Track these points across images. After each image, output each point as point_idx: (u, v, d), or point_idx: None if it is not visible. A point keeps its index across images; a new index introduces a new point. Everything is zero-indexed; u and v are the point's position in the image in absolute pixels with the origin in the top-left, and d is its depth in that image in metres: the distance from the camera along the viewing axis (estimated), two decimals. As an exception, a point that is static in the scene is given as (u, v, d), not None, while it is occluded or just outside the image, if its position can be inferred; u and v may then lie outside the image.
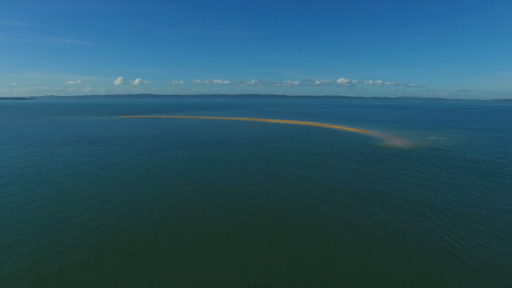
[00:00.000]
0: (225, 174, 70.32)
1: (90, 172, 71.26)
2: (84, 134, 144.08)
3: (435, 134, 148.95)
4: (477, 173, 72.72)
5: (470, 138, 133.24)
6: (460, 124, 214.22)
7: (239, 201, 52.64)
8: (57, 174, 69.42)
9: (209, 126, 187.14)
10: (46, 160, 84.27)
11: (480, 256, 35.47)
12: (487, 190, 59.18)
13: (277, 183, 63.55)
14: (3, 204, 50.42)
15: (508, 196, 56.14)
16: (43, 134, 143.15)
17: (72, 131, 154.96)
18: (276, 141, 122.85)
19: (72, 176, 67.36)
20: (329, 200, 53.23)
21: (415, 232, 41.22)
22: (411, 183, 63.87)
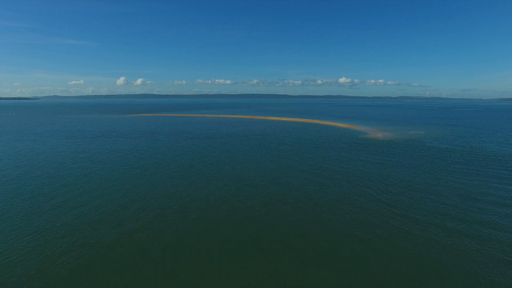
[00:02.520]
0: (236, 159, 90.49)
1: (133, 157, 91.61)
2: (108, 129, 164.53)
3: (417, 129, 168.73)
4: (434, 156, 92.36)
5: (446, 132, 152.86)
6: (445, 121, 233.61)
7: (250, 184, 72.71)
8: (108, 158, 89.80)
9: (216, 123, 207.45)
10: (91, 149, 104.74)
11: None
12: (434, 168, 78.89)
13: (277, 165, 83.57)
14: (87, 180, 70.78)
15: (446, 172, 75.78)
16: (73, 129, 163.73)
17: (96, 127, 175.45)
18: (277, 134, 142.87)
19: (123, 162, 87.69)
20: (313, 178, 73.22)
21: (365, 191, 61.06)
22: (377, 163, 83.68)
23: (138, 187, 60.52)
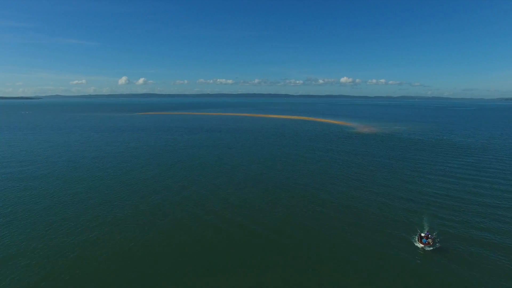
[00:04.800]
0: (243, 146, 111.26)
1: (160, 146, 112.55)
2: (127, 125, 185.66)
3: (401, 125, 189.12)
4: (404, 144, 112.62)
5: (425, 127, 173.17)
6: (431, 119, 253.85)
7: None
8: (138, 146, 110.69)
9: (221, 120, 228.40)
10: (121, 140, 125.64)
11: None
12: (401, 150, 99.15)
13: (277, 150, 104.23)
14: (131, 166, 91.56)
15: (411, 154, 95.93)
16: (97, 125, 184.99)
17: (115, 123, 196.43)
18: (277, 129, 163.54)
19: (152, 149, 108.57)
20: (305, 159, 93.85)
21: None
22: (355, 147, 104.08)
23: (170, 171, 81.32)
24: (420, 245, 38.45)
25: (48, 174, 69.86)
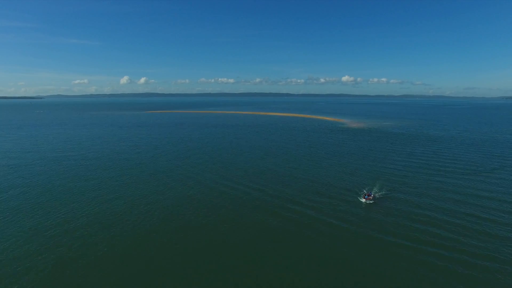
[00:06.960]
0: (247, 140, 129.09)
1: (175, 140, 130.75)
2: (141, 121, 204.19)
3: (390, 121, 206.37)
4: (384, 136, 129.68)
5: (411, 123, 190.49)
6: (420, 116, 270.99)
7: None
8: (159, 138, 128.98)
9: (226, 117, 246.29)
10: (140, 133, 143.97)
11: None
12: (380, 140, 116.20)
13: (276, 141, 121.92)
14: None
15: (389, 143, 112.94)
16: (114, 122, 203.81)
17: (130, 120, 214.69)
18: (277, 124, 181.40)
19: (168, 141, 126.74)
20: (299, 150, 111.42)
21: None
22: (340, 136, 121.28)
23: (186, 162, 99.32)
24: (363, 200, 55.89)
25: (107, 157, 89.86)
